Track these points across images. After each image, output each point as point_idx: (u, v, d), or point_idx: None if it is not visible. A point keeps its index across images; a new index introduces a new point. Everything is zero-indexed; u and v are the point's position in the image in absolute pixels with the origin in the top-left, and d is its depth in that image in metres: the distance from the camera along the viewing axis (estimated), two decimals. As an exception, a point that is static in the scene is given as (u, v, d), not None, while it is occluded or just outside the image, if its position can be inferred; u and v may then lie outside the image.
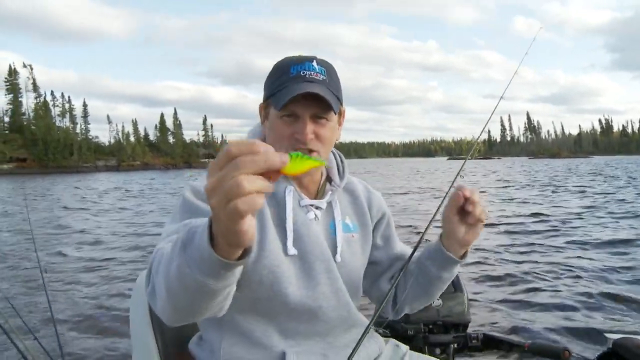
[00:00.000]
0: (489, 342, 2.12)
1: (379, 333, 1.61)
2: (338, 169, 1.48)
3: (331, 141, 1.34)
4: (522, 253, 8.37)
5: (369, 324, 1.24)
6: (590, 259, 7.82)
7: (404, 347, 1.54)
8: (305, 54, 1.31)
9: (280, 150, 0.90)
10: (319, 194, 1.41)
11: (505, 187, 24.55)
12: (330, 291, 1.33)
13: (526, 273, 6.93)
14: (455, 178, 1.50)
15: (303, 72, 1.27)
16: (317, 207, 1.38)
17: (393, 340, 1.56)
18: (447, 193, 1.38)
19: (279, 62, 1.33)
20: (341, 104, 1.37)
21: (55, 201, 21.75)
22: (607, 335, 1.93)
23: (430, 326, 2.11)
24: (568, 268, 7.19)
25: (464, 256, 1.34)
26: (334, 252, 1.36)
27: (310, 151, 1.28)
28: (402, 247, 1.55)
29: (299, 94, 1.22)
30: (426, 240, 1.43)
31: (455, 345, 2.12)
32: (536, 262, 7.67)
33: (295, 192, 1.35)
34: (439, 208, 1.38)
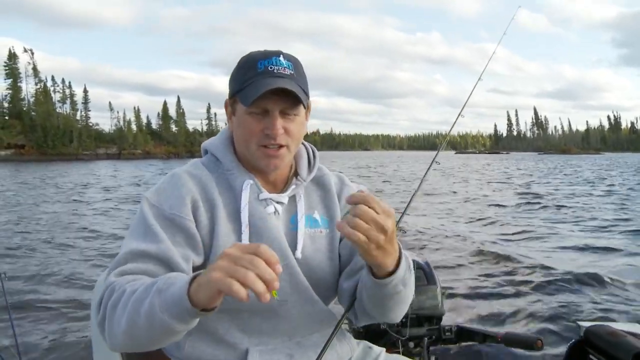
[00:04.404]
0: (463, 334, 2.15)
1: (352, 330, 1.58)
2: (309, 163, 1.46)
3: (300, 135, 1.34)
4: (498, 244, 8.44)
5: (337, 326, 1.24)
6: (564, 247, 8.14)
7: (378, 349, 1.50)
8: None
9: (250, 147, 1.29)
10: (284, 188, 1.40)
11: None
12: (289, 287, 1.31)
13: (500, 264, 6.99)
14: (429, 168, 1.63)
15: (271, 67, 1.26)
16: (278, 202, 1.36)
17: (366, 342, 1.53)
18: (422, 180, 1.56)
19: (244, 58, 1.32)
20: (308, 97, 1.35)
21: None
22: (580, 323, 1.94)
23: (404, 320, 2.03)
24: (542, 257, 7.29)
25: (388, 275, 1.19)
26: (294, 248, 1.33)
27: (280, 146, 1.29)
28: None
29: (268, 89, 1.21)
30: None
31: (429, 338, 2.12)
32: (510, 252, 7.70)
33: (254, 186, 1.34)
34: (411, 199, 1.48)
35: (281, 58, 1.28)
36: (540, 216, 12.16)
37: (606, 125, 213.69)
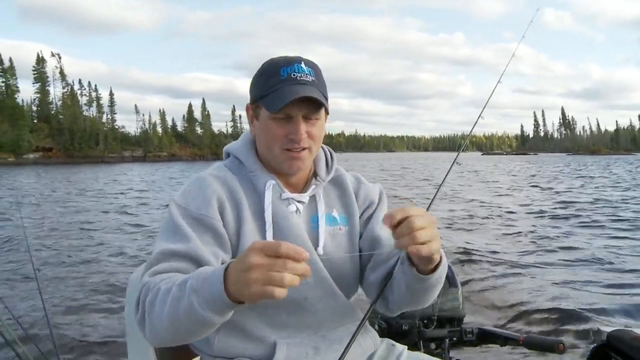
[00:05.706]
0: (484, 337, 2.13)
1: (374, 328, 1.61)
2: (327, 164, 1.51)
3: (321, 138, 1.39)
4: (518, 247, 8.41)
5: (362, 321, 1.26)
6: (588, 251, 8.00)
7: (400, 347, 1.52)
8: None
9: (274, 150, 1.34)
10: (304, 189, 1.45)
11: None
12: (313, 281, 1.35)
13: (522, 267, 6.95)
14: (450, 169, 1.69)
15: (293, 75, 1.30)
16: (299, 201, 1.41)
17: (389, 340, 1.55)
18: (442, 182, 1.63)
19: (266, 64, 1.36)
20: (327, 101, 1.39)
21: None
22: (602, 327, 2.02)
23: (425, 321, 2.09)
24: (565, 261, 7.29)
25: (433, 270, 1.23)
26: (316, 245, 1.39)
27: (303, 149, 1.34)
28: (388, 239, 1.43)
29: (295, 98, 1.26)
30: None
31: (450, 340, 2.12)
32: (533, 255, 7.78)
33: (277, 186, 1.39)
34: (435, 196, 1.50)
35: (302, 65, 1.33)
36: (566, 223, 11.73)
37: (637, 125, 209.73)
